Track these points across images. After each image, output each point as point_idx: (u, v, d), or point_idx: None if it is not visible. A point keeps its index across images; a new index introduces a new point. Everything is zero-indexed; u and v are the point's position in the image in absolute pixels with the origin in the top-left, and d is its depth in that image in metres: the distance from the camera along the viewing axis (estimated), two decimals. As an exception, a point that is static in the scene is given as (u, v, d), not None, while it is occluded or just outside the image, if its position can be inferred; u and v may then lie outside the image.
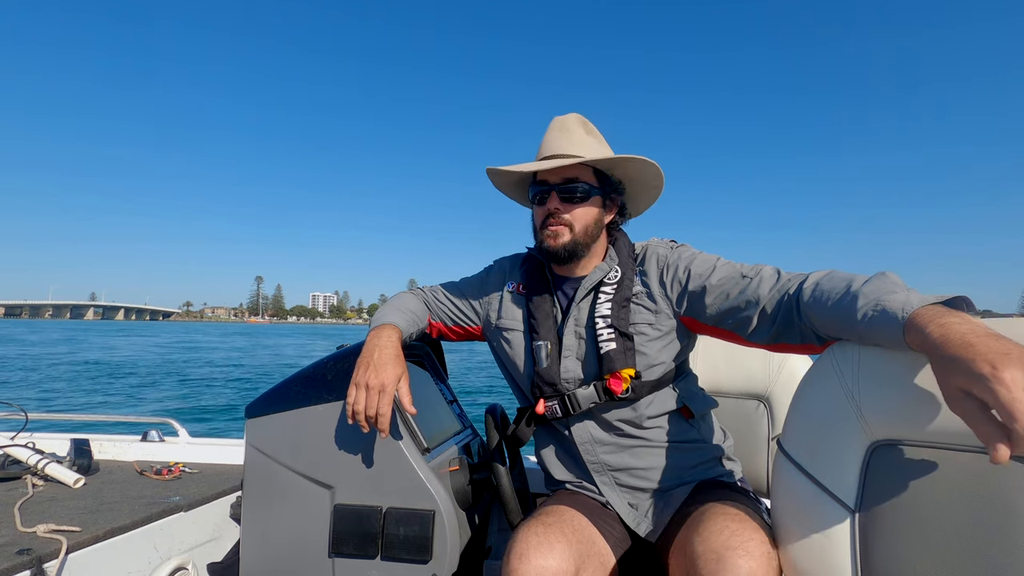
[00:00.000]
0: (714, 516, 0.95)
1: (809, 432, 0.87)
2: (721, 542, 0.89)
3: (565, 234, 1.24)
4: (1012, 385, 0.61)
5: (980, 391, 0.64)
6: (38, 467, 1.54)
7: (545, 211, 1.25)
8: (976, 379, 0.64)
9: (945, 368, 0.69)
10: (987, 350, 0.65)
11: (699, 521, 0.97)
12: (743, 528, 0.91)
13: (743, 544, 0.88)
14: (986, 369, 0.63)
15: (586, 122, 1.30)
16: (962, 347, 0.67)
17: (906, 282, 0.86)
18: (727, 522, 0.92)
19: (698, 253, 1.23)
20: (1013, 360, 0.62)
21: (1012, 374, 0.61)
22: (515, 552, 1.02)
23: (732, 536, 0.89)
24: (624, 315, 1.20)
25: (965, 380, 0.65)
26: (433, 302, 1.44)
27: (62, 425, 4.53)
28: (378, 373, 1.13)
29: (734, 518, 0.94)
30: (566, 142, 1.24)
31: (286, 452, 1.29)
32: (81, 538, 1.14)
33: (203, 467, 1.76)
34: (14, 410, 1.87)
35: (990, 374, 0.62)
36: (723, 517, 0.94)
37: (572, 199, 1.24)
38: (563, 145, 1.24)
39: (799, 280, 1.02)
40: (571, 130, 1.26)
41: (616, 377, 1.17)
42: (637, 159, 1.24)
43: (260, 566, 1.29)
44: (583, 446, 1.25)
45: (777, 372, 1.75)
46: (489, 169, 1.32)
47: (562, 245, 1.23)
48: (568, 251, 1.24)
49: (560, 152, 1.24)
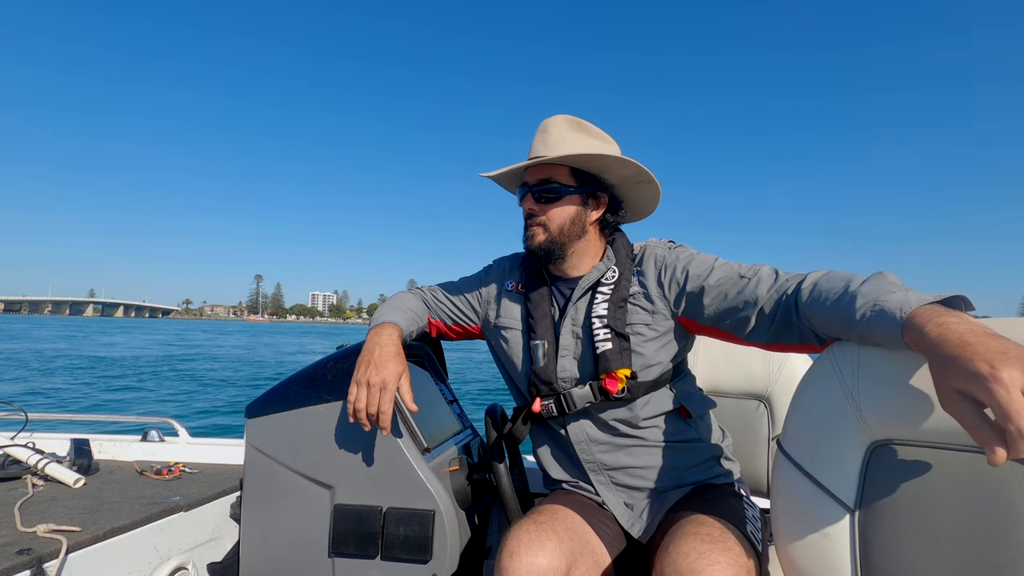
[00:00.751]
0: (685, 537, 0.96)
1: (809, 432, 0.87)
2: (686, 566, 0.90)
3: (540, 234, 1.26)
4: (1010, 385, 0.60)
5: (977, 391, 0.63)
6: (38, 467, 1.54)
7: (525, 210, 1.29)
8: (973, 378, 0.63)
9: (942, 367, 0.68)
10: (985, 349, 0.64)
11: (672, 539, 0.98)
12: (711, 550, 0.92)
13: (707, 568, 0.89)
14: (984, 368, 0.62)
15: (578, 121, 1.28)
16: (960, 346, 0.66)
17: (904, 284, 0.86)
18: (696, 543, 0.93)
19: (696, 254, 1.23)
20: (1011, 359, 0.62)
21: (1011, 374, 0.61)
22: (506, 550, 1.03)
23: (699, 559, 0.91)
24: (620, 315, 1.20)
25: (962, 380, 0.65)
26: (432, 301, 1.44)
27: (62, 425, 4.53)
28: (379, 371, 1.13)
29: (705, 538, 0.94)
30: (541, 144, 1.25)
31: (286, 452, 1.29)
32: (81, 538, 1.14)
33: (203, 467, 1.76)
34: (14, 410, 1.87)
35: (988, 373, 0.62)
36: (694, 538, 0.94)
37: (545, 199, 1.25)
38: (538, 148, 1.26)
39: (797, 280, 1.02)
40: (549, 132, 1.26)
41: (612, 377, 1.18)
42: (609, 157, 1.21)
43: (260, 566, 1.29)
44: (579, 445, 1.25)
45: (777, 372, 1.75)
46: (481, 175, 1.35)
47: (537, 244, 1.26)
48: (544, 250, 1.26)
49: (537, 155, 1.25)
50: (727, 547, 0.93)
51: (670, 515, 1.15)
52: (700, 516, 1.03)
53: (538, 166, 1.26)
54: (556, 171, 1.26)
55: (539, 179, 1.26)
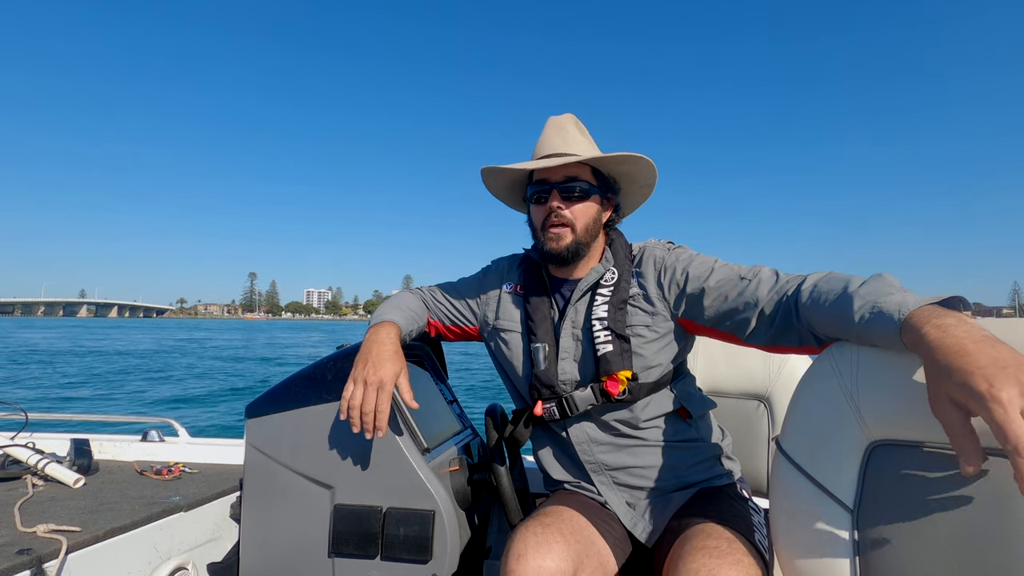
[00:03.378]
0: (693, 552, 0.95)
1: (808, 432, 0.87)
2: None
3: (567, 235, 1.23)
4: (1008, 406, 0.60)
5: (975, 407, 0.64)
6: (38, 467, 1.54)
7: (546, 210, 1.24)
8: (971, 395, 0.64)
9: (938, 373, 0.69)
10: (985, 362, 0.64)
11: (680, 555, 0.97)
12: (721, 565, 0.91)
13: None
14: (983, 387, 0.62)
15: (579, 123, 1.31)
16: (958, 355, 0.66)
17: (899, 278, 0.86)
18: (705, 559, 0.92)
19: (696, 255, 1.23)
20: (1010, 377, 0.62)
21: (1009, 394, 0.61)
22: (513, 552, 1.02)
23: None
24: (621, 317, 1.20)
25: (959, 393, 0.65)
26: (431, 301, 1.44)
27: (62, 425, 4.53)
28: (376, 369, 1.13)
29: (713, 552, 0.94)
30: (561, 141, 1.24)
31: (286, 452, 1.29)
32: (81, 538, 1.14)
33: (203, 467, 1.76)
34: (14, 410, 1.87)
35: (987, 392, 0.62)
36: (702, 553, 0.94)
37: (572, 197, 1.23)
38: (559, 144, 1.24)
39: (797, 282, 1.02)
40: (567, 129, 1.26)
41: (613, 379, 1.17)
42: (635, 156, 1.24)
43: (260, 566, 1.29)
44: (580, 446, 1.25)
45: (777, 372, 1.75)
46: (484, 169, 1.31)
47: (564, 247, 1.23)
48: (571, 252, 1.24)
49: (558, 151, 1.23)
50: (736, 560, 0.92)
51: (675, 521, 1.15)
52: (707, 527, 1.02)
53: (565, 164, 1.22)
54: (581, 170, 1.24)
55: (566, 176, 1.23)
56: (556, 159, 1.21)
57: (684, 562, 0.93)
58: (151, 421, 2.07)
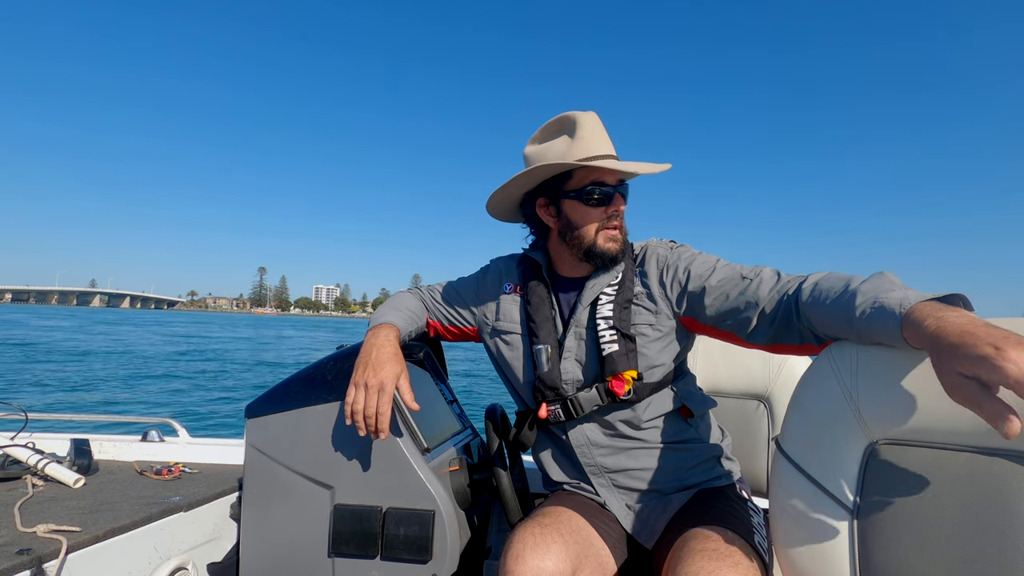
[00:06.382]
0: (692, 554, 0.95)
1: (808, 432, 0.87)
2: None
3: (622, 238, 1.24)
4: (1019, 361, 0.60)
5: (985, 372, 0.63)
6: (38, 467, 1.54)
7: (609, 211, 1.21)
8: (979, 361, 0.63)
9: (944, 356, 0.68)
10: (987, 335, 0.65)
11: (679, 557, 0.96)
12: (719, 567, 0.91)
13: None
14: (989, 351, 0.62)
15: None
16: (961, 335, 0.67)
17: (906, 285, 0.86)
18: (703, 561, 0.92)
19: (698, 254, 1.23)
20: (1014, 341, 0.62)
21: (1017, 353, 0.61)
22: (511, 553, 1.02)
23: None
24: (626, 316, 1.20)
25: (967, 364, 0.65)
26: (431, 301, 1.44)
27: (62, 425, 4.53)
28: (376, 372, 1.13)
29: (712, 555, 0.93)
30: (608, 143, 1.22)
31: (286, 452, 1.29)
32: (81, 538, 1.14)
33: (203, 467, 1.76)
34: (14, 410, 1.87)
35: (994, 354, 0.62)
36: (701, 555, 0.93)
37: (625, 201, 1.24)
38: (610, 147, 1.22)
39: (798, 281, 1.02)
40: (604, 132, 1.24)
41: (618, 379, 1.17)
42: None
43: (260, 566, 1.29)
44: (579, 449, 1.25)
45: (777, 372, 1.75)
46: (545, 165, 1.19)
47: (620, 249, 1.24)
48: (623, 254, 1.25)
49: (611, 154, 1.22)
50: (735, 562, 0.92)
51: (674, 523, 1.15)
52: (706, 529, 1.02)
53: (639, 173, 1.22)
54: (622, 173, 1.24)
55: (621, 180, 1.23)
56: (627, 163, 1.19)
57: (683, 564, 0.93)
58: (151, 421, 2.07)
